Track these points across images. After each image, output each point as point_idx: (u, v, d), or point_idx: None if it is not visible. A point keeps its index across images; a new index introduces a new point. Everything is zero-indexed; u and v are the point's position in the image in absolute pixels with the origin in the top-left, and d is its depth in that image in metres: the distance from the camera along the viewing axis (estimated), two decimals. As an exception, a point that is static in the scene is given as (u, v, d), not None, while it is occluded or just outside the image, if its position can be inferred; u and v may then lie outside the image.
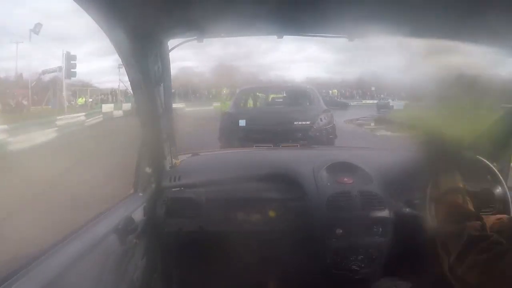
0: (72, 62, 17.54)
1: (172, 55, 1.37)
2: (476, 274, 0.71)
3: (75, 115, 14.78)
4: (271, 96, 8.29)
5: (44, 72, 21.84)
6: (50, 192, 4.08)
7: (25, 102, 19.69)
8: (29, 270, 0.81)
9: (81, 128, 13.08)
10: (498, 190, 1.29)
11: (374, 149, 2.05)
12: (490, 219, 0.93)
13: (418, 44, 1.39)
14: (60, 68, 19.21)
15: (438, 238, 0.86)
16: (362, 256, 1.39)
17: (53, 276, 0.83)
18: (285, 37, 1.36)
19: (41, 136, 9.58)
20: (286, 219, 1.45)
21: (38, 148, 8.32)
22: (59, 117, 12.94)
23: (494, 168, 1.26)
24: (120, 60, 1.21)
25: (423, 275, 1.06)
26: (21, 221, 3.09)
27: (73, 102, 22.82)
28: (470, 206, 0.89)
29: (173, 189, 1.51)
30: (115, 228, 1.14)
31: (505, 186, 1.27)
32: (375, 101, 26.90)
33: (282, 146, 4.64)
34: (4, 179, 4.29)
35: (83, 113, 15.57)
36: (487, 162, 1.25)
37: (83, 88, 25.05)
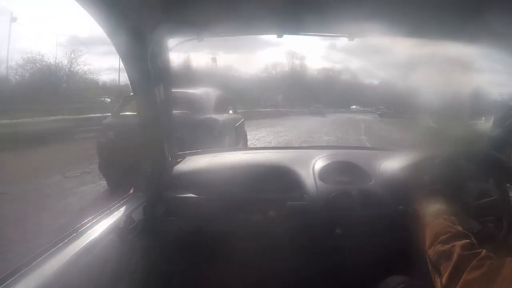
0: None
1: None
2: None
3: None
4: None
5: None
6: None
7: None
8: (29, 270, 0.81)
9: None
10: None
11: (374, 149, 2.05)
12: None
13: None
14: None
15: (428, 260, 0.86)
16: (361, 256, 1.38)
17: (53, 276, 0.83)
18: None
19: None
20: (285, 219, 1.44)
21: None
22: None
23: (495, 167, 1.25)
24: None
25: (424, 272, 1.06)
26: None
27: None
28: (458, 227, 0.88)
29: (173, 189, 1.51)
30: (115, 228, 1.14)
31: (505, 186, 1.26)
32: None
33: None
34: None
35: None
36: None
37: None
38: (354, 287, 1.41)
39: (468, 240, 0.80)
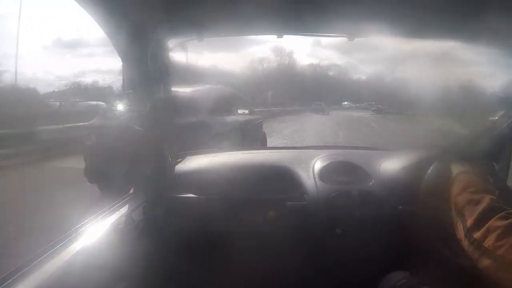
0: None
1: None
2: (493, 238, 0.71)
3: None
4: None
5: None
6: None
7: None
8: (29, 270, 0.81)
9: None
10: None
11: (374, 149, 2.05)
12: None
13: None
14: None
15: (454, 207, 0.87)
16: (362, 256, 1.39)
17: (52, 276, 0.83)
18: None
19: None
20: (285, 219, 1.44)
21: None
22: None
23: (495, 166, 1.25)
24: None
25: (426, 272, 1.06)
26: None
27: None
28: (490, 185, 0.89)
29: (173, 189, 1.51)
30: (115, 228, 1.14)
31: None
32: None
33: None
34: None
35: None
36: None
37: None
38: (355, 285, 1.41)
39: (496, 197, 0.82)
